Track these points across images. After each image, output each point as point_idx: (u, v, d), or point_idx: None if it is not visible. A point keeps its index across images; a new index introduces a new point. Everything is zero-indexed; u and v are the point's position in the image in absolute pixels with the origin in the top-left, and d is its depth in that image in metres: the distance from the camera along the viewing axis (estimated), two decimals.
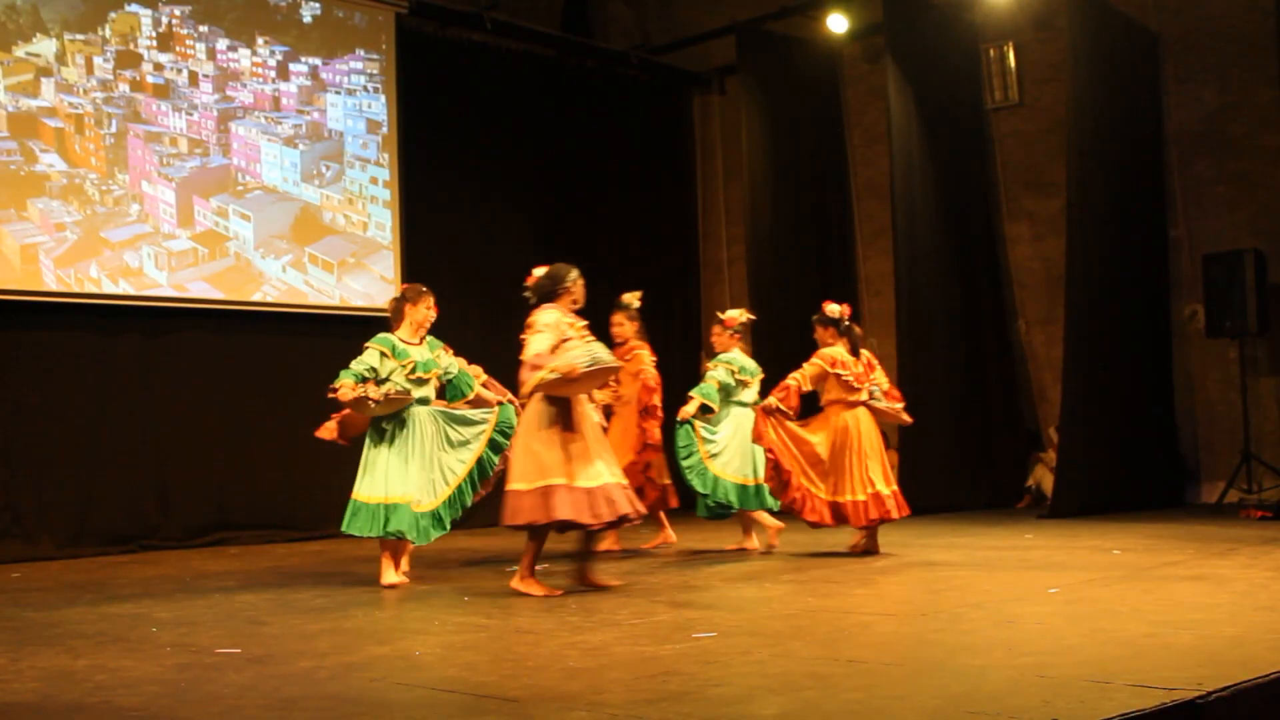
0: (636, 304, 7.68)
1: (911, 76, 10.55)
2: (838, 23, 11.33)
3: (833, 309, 7.11)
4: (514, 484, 5.59)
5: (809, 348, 7.14)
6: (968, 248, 11.04)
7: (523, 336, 5.70)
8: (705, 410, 7.26)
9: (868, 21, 11.36)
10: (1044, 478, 10.25)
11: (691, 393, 7.33)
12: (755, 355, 7.80)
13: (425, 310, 6.37)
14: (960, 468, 10.41)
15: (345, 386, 5.95)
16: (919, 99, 10.61)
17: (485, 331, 10.60)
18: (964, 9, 11.05)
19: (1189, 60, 10.29)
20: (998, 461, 10.70)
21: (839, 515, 6.86)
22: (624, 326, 7.70)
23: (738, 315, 7.61)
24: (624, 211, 12.11)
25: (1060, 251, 9.83)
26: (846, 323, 7.10)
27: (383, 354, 6.14)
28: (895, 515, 6.93)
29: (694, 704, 3.16)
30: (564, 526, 5.55)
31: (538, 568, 5.67)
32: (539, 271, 5.90)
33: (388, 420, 6.15)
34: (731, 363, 7.43)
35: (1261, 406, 9.82)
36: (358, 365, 6.07)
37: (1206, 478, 10.14)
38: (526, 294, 5.89)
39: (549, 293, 5.79)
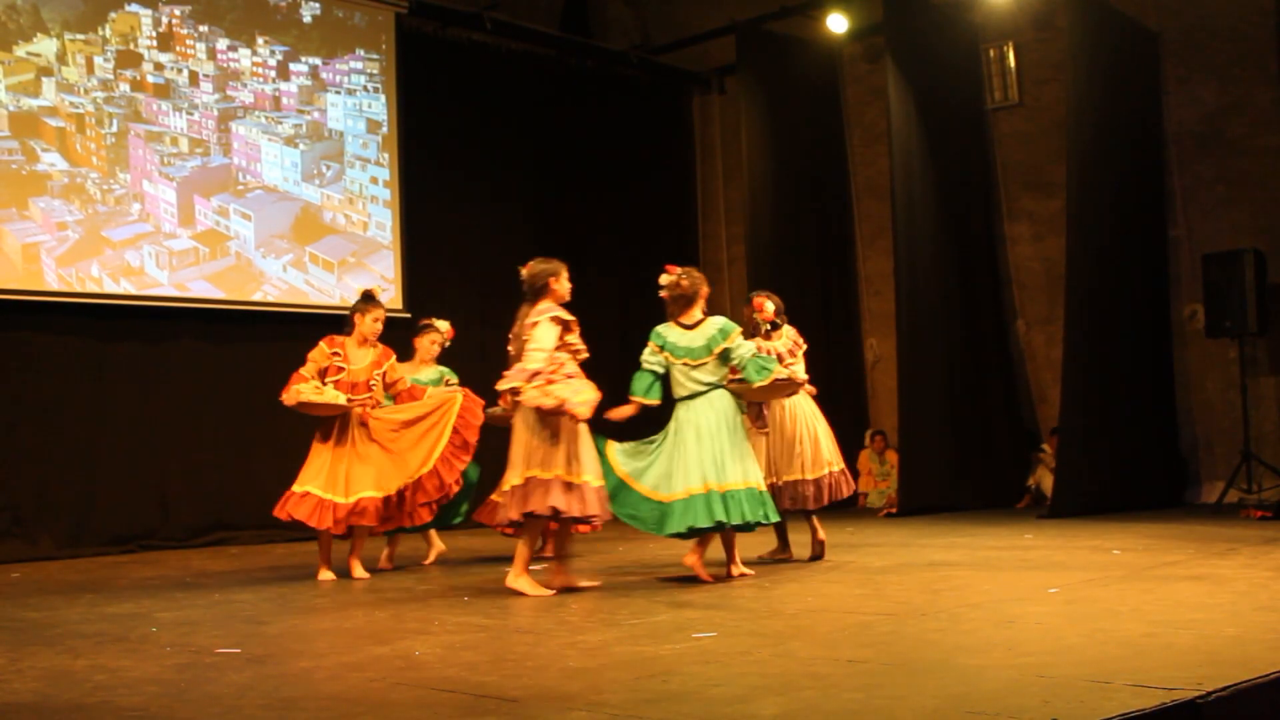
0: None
1: (911, 76, 10.55)
2: (838, 23, 11.32)
3: None
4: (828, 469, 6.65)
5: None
6: (968, 248, 11.04)
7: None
8: None
9: (868, 21, 11.36)
10: (1044, 478, 10.25)
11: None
12: None
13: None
14: (960, 468, 10.41)
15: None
16: (919, 99, 10.61)
17: (485, 331, 10.61)
18: (964, 9, 11.05)
19: (1189, 60, 10.29)
20: (998, 461, 10.70)
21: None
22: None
23: (449, 328, 7.49)
24: (624, 211, 12.11)
25: (1060, 251, 9.83)
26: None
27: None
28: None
29: (694, 704, 3.16)
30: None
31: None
32: (772, 305, 6.65)
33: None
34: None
35: (1261, 406, 9.82)
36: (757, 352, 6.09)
37: (1206, 478, 10.14)
38: (775, 321, 6.71)
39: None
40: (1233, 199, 10.09)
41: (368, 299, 6.74)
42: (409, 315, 9.21)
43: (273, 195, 9.60)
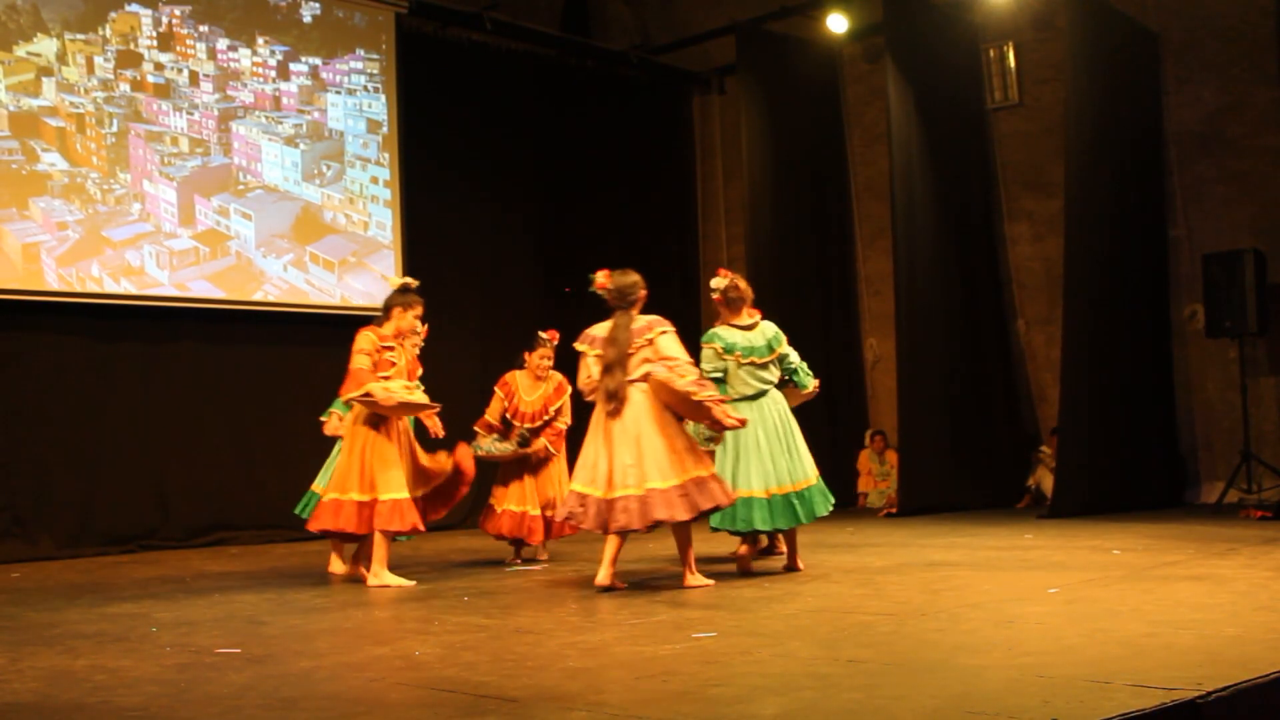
0: None
1: (911, 76, 10.55)
2: (838, 23, 11.32)
3: None
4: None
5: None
6: (968, 248, 11.04)
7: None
8: None
9: (868, 21, 11.36)
10: (1044, 478, 10.25)
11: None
12: None
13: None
14: (960, 468, 10.41)
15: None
16: (919, 99, 10.61)
17: (485, 330, 10.62)
18: (964, 9, 11.05)
19: (1189, 60, 10.28)
20: (998, 461, 10.70)
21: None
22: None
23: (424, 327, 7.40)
24: (624, 212, 12.11)
25: (1060, 251, 9.83)
26: None
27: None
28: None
29: (694, 704, 3.16)
30: None
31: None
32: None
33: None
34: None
35: (1261, 406, 9.82)
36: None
37: (1206, 478, 10.14)
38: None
39: None
40: (1233, 199, 10.09)
41: (409, 291, 6.40)
42: None
43: (273, 195, 9.60)
